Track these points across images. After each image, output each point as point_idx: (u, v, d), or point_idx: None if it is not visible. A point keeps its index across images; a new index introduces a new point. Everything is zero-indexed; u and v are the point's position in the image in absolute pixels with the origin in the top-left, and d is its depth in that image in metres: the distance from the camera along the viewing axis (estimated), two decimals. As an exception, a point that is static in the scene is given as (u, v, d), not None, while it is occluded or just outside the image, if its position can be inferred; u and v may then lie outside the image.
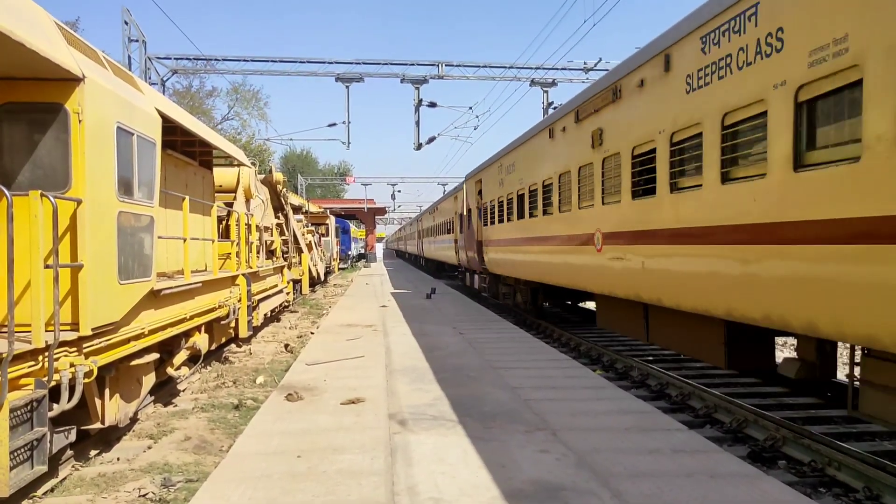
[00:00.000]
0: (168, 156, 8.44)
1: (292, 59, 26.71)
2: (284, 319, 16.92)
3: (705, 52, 6.59)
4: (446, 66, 26.78)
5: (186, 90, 40.74)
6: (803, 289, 5.14)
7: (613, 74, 9.11)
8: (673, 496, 4.13)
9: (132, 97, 6.27)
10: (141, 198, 6.35)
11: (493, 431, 5.56)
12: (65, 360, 4.98)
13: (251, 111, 48.47)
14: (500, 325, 13.07)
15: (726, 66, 6.23)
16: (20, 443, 4.37)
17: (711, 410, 7.55)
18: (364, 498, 4.13)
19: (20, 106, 5.25)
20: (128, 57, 23.01)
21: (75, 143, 5.20)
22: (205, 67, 27.38)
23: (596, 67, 25.95)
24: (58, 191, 5.08)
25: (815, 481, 5.58)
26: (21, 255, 4.51)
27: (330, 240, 32.65)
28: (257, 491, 4.25)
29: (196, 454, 6.10)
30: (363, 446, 5.16)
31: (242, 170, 12.61)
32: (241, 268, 10.91)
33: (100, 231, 5.46)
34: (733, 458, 4.90)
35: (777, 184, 5.46)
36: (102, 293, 5.46)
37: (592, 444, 5.20)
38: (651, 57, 7.73)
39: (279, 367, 10.14)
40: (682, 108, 7.02)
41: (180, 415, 7.50)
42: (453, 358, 9.11)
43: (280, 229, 17.20)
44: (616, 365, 10.43)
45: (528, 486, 4.31)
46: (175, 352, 7.94)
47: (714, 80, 6.44)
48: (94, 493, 5.14)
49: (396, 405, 6.50)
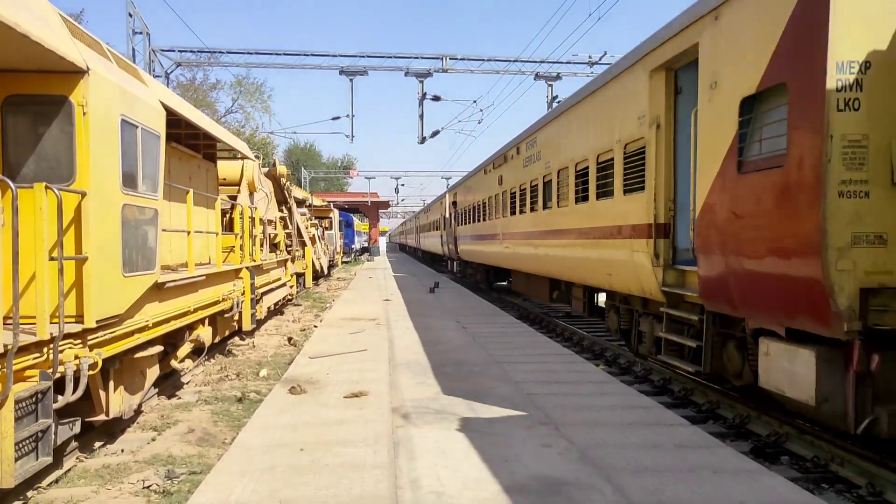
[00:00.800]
0: (172, 148, 8.44)
1: (296, 52, 26.72)
2: (288, 313, 16.95)
3: (527, 148, 14.35)
4: (450, 59, 26.73)
5: (190, 83, 40.79)
6: (578, 263, 10.71)
7: (506, 146, 16.75)
8: (675, 491, 4.13)
9: (136, 90, 6.26)
10: (145, 190, 6.35)
11: (496, 425, 5.56)
12: (69, 352, 5.00)
13: (255, 104, 48.47)
14: (503, 319, 13.08)
15: (534, 158, 13.62)
16: (25, 434, 4.40)
17: (714, 406, 7.55)
18: (367, 491, 4.14)
19: (25, 98, 5.25)
20: (132, 49, 23.01)
21: (80, 136, 5.20)
22: (208, 60, 27.36)
23: (601, 61, 25.84)
24: (62, 183, 5.09)
25: (818, 477, 5.58)
26: (26, 248, 4.52)
27: (333, 233, 32.66)
28: (260, 483, 4.27)
29: (199, 446, 6.13)
30: (366, 439, 5.17)
31: (246, 163, 12.61)
32: (244, 261, 10.92)
33: (104, 224, 5.47)
34: (736, 454, 4.90)
35: (551, 213, 12.30)
36: (107, 286, 5.47)
37: (595, 438, 5.20)
38: (511, 146, 16.00)
39: (282, 361, 10.17)
40: (522, 173, 14.71)
41: (184, 407, 7.53)
42: (456, 352, 9.12)
43: (284, 222, 17.20)
44: (619, 360, 10.43)
45: (531, 481, 4.31)
46: (179, 344, 7.97)
47: (530, 163, 13.95)
48: (98, 484, 5.17)
49: (399, 399, 6.51)
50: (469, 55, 27.01)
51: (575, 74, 27.19)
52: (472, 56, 27.07)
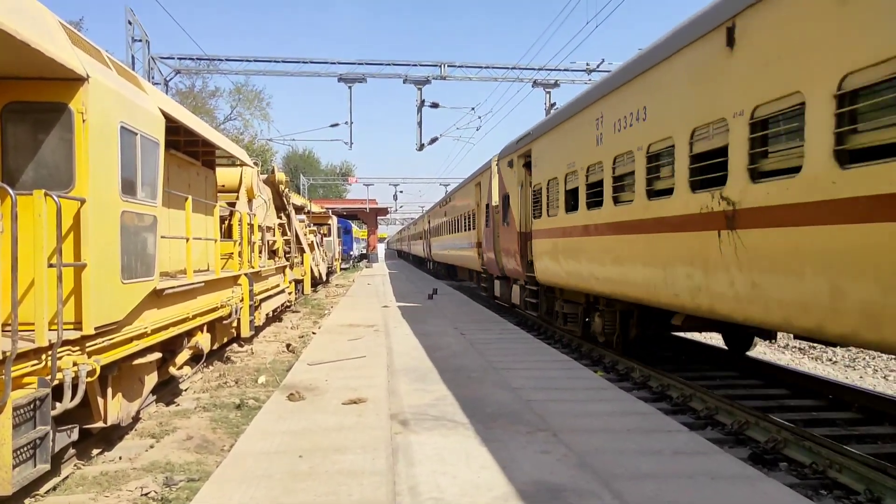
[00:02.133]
0: (171, 155, 8.46)
1: (295, 59, 26.80)
2: (286, 319, 16.93)
3: (444, 204, 30.06)
4: (448, 66, 26.83)
5: (189, 90, 40.86)
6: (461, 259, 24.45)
7: (442, 199, 31.74)
8: (674, 497, 4.13)
9: (136, 97, 6.28)
10: (144, 197, 6.37)
11: (494, 432, 5.56)
12: (68, 358, 4.99)
13: (253, 111, 48.63)
14: (502, 325, 13.07)
15: (448, 211, 28.63)
16: (23, 441, 4.39)
17: (713, 412, 7.55)
18: (365, 498, 4.14)
19: (24, 105, 5.27)
20: (131, 57, 23.08)
21: (79, 143, 5.22)
22: (207, 67, 27.46)
23: (598, 69, 25.94)
24: (62, 190, 5.10)
25: (817, 483, 5.58)
26: (25, 254, 4.53)
27: (332, 240, 32.67)
28: (259, 490, 4.26)
29: (198, 453, 6.12)
30: (365, 446, 5.17)
31: (245, 170, 12.64)
32: (243, 267, 10.93)
33: (103, 230, 5.47)
34: (734, 460, 4.90)
35: (453, 235, 26.51)
36: (105, 292, 5.48)
37: (594, 445, 5.20)
38: (439, 202, 32.73)
39: (281, 367, 10.15)
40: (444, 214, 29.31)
41: (182, 414, 7.52)
42: (455, 358, 9.11)
43: (282, 229, 17.22)
44: (618, 366, 10.42)
45: (530, 487, 4.31)
46: (177, 351, 7.96)
47: (449, 213, 28.21)
48: (96, 491, 5.16)
49: (398, 405, 6.51)
50: (467, 62, 27.19)
51: (573, 82, 27.30)
52: (471, 63, 27.23)
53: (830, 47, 4.93)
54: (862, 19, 4.66)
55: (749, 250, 5.97)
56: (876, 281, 4.57)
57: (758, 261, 5.84)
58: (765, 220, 5.70)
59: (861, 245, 4.67)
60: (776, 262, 5.58)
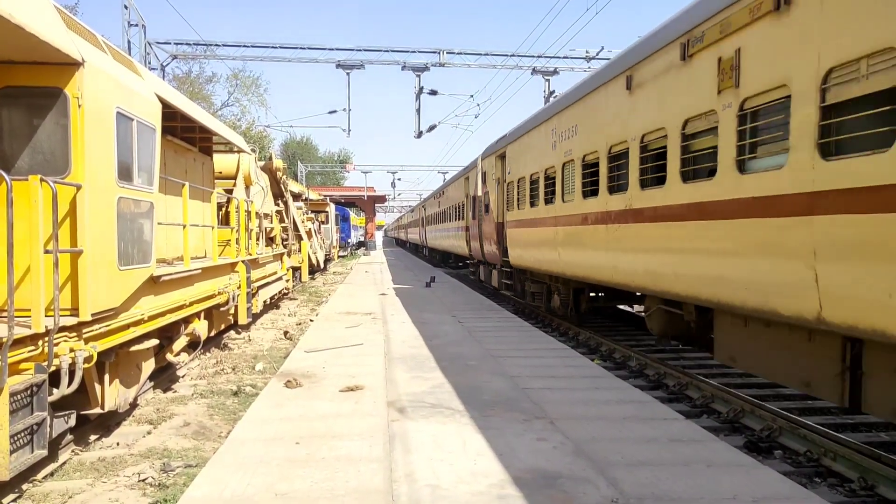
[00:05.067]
0: (168, 141, 8.41)
1: (293, 45, 26.55)
2: (284, 306, 16.94)
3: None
4: (447, 53, 26.63)
5: (186, 76, 40.50)
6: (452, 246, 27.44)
7: (427, 196, 38.69)
8: (669, 485, 4.16)
9: (132, 82, 6.23)
10: (141, 184, 6.33)
11: (491, 420, 5.58)
12: (64, 345, 4.99)
13: (251, 97, 48.32)
14: (499, 314, 13.10)
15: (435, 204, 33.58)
16: (20, 427, 4.39)
17: (709, 400, 7.59)
18: (362, 484, 4.16)
19: (19, 90, 5.22)
20: (127, 41, 22.86)
21: (75, 128, 5.18)
22: (204, 53, 27.21)
23: (598, 56, 25.79)
24: (57, 176, 5.07)
25: (811, 471, 5.62)
26: (21, 241, 4.51)
27: (329, 227, 32.61)
28: (256, 476, 4.28)
29: (195, 440, 6.14)
30: (362, 433, 5.19)
31: (242, 156, 12.57)
32: (240, 255, 10.91)
33: (99, 217, 5.45)
34: (730, 448, 4.93)
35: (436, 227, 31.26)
36: (102, 279, 5.46)
37: (590, 432, 5.22)
38: (424, 200, 40.28)
39: (278, 354, 10.17)
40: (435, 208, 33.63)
41: (179, 401, 7.53)
42: (452, 346, 9.13)
43: (280, 216, 17.17)
44: (614, 355, 10.47)
45: (526, 474, 4.34)
46: (174, 338, 7.96)
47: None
48: (93, 477, 5.18)
49: (395, 393, 6.53)
50: (466, 49, 26.96)
51: (572, 69, 27.12)
52: (470, 50, 27.00)
53: (675, 100, 7.20)
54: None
55: (618, 237, 8.78)
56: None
57: (620, 241, 8.72)
58: (646, 216, 7.99)
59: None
60: (639, 243, 8.15)
